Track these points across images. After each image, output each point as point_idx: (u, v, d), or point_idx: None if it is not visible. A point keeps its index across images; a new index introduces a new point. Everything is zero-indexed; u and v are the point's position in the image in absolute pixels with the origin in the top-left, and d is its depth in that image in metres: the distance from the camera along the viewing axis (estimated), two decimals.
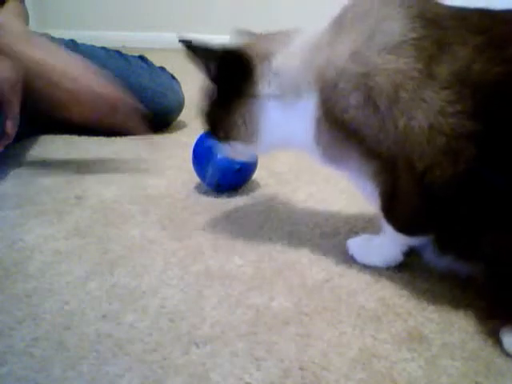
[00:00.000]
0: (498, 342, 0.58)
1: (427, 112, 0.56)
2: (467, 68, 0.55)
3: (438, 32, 0.58)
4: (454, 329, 0.61)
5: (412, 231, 0.66)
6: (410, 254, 0.72)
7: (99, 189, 1.01)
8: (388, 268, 0.73)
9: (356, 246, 0.76)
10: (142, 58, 1.44)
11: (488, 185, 0.56)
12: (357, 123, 0.61)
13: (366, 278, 0.71)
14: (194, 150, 0.98)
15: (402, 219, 0.66)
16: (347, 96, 0.61)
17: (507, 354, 0.56)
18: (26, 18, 1.33)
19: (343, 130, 0.63)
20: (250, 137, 0.71)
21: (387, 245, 0.72)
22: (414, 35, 0.58)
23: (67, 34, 1.41)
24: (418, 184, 0.59)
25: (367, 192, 0.68)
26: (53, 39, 1.34)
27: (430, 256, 0.67)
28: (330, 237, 0.82)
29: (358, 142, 0.63)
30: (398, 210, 0.65)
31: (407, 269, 0.72)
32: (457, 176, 0.56)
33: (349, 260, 0.75)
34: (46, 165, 1.10)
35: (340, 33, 0.63)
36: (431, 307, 0.65)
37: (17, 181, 1.05)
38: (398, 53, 0.58)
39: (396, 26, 0.59)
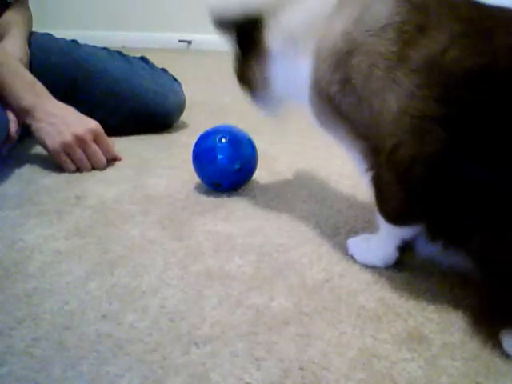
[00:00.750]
0: (498, 343, 0.58)
1: (397, 93, 0.58)
2: (441, 54, 0.57)
3: (422, 17, 0.60)
4: (454, 329, 0.61)
5: (401, 221, 0.67)
6: (409, 253, 0.72)
7: (99, 189, 1.01)
8: (388, 268, 0.73)
9: (355, 245, 0.76)
10: (143, 59, 1.44)
11: (463, 172, 0.57)
12: (339, 99, 0.65)
13: (366, 277, 0.71)
14: (194, 150, 0.98)
15: (390, 209, 0.66)
16: (332, 71, 0.64)
17: (507, 355, 0.56)
18: (29, 24, 1.34)
19: (329, 103, 0.67)
20: (263, 85, 0.79)
21: (383, 241, 0.72)
22: (398, 18, 0.60)
23: (67, 34, 1.41)
24: (395, 170, 0.61)
25: (362, 169, 0.69)
26: (54, 39, 1.35)
27: (421, 246, 0.68)
28: (330, 237, 0.82)
29: (342, 118, 0.66)
30: (385, 199, 0.65)
31: (407, 269, 0.72)
32: (425, 158, 0.58)
33: (349, 260, 0.75)
34: (46, 165, 1.10)
35: (340, 8, 0.67)
36: (431, 307, 0.65)
37: (17, 181, 1.05)
38: (380, 35, 0.61)
39: (384, 9, 0.62)
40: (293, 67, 0.73)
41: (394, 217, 0.67)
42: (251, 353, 0.57)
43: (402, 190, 0.62)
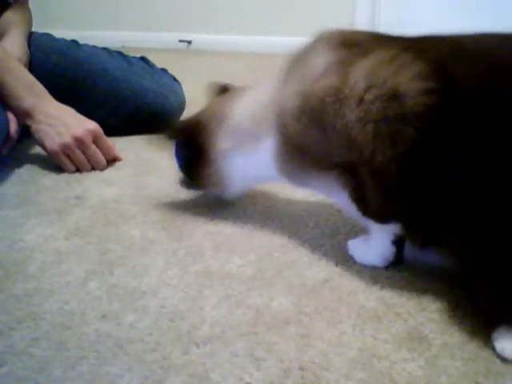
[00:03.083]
0: None
1: (350, 108, 0.63)
2: (376, 68, 0.63)
3: (357, 49, 0.68)
4: (454, 329, 0.61)
5: (387, 218, 0.68)
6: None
7: (99, 189, 1.01)
8: (388, 268, 0.73)
9: (355, 247, 0.76)
10: (143, 59, 1.44)
11: (437, 168, 0.60)
12: (312, 143, 0.70)
13: (365, 277, 0.71)
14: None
15: (375, 209, 0.67)
16: (300, 125, 0.70)
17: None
18: (29, 24, 1.34)
19: (303, 153, 0.72)
20: (221, 185, 0.84)
21: (378, 239, 0.72)
22: (335, 59, 0.68)
23: (67, 34, 1.41)
24: (374, 174, 0.64)
25: (342, 200, 0.72)
26: (54, 39, 1.35)
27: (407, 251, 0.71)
28: (330, 237, 0.82)
29: (317, 158, 0.72)
30: (368, 201, 0.67)
31: (407, 269, 0.72)
32: (399, 157, 0.61)
33: (349, 260, 0.75)
34: (46, 165, 1.10)
35: (285, 82, 0.74)
36: (431, 307, 0.65)
37: (17, 181, 1.05)
38: (324, 77, 0.68)
39: (322, 59, 0.69)
40: (254, 154, 0.79)
41: (380, 215, 0.68)
42: (251, 353, 0.57)
43: (382, 190, 0.64)
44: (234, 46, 2.60)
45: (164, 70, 1.44)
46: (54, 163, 1.08)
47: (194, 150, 0.84)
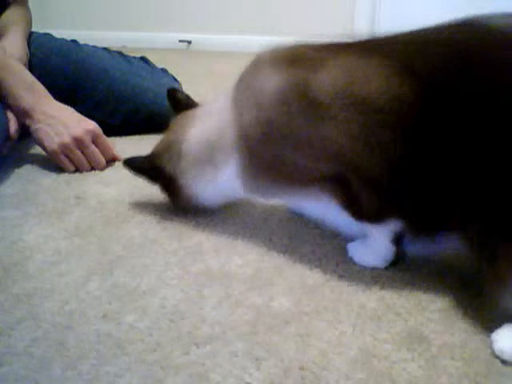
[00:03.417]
0: None
1: (326, 124, 0.65)
2: (333, 81, 0.65)
3: (307, 65, 0.69)
4: (454, 329, 0.61)
5: (381, 217, 0.68)
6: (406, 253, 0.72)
7: (99, 189, 1.01)
8: (388, 268, 0.73)
9: (355, 249, 0.76)
10: (143, 59, 1.44)
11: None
12: (285, 163, 0.72)
13: (366, 278, 0.71)
14: None
15: (367, 211, 0.68)
16: (270, 150, 0.72)
17: None
18: (29, 24, 1.34)
19: (276, 172, 0.74)
20: (197, 206, 0.86)
21: (376, 240, 0.72)
22: (288, 80, 0.69)
23: (67, 34, 1.41)
24: (361, 179, 0.65)
25: (328, 209, 0.73)
26: (54, 39, 1.35)
27: (407, 245, 0.71)
28: (330, 237, 0.82)
29: (293, 174, 0.72)
30: (359, 204, 0.68)
31: (407, 269, 0.72)
32: (381, 161, 0.63)
33: (349, 260, 0.75)
34: (46, 165, 1.10)
35: (239, 108, 0.75)
36: (431, 307, 0.65)
37: (17, 181, 1.05)
38: (283, 102, 0.68)
39: (272, 83, 0.70)
40: (212, 181, 0.81)
41: (377, 216, 0.69)
42: (251, 353, 0.57)
43: (376, 194, 0.66)
44: (234, 46, 2.60)
45: (164, 70, 1.44)
46: (53, 163, 1.08)
47: (162, 181, 0.87)
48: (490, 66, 0.59)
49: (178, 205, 0.89)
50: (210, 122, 0.81)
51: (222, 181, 0.80)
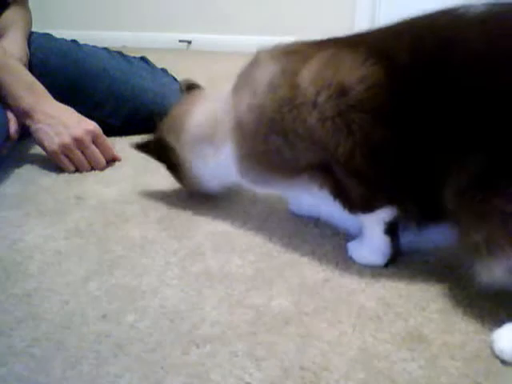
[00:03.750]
0: None
1: (308, 112, 0.67)
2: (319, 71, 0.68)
3: (297, 57, 0.72)
4: (454, 329, 0.61)
5: (371, 205, 0.69)
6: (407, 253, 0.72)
7: (99, 189, 1.01)
8: (388, 268, 0.73)
9: (354, 248, 0.76)
10: (143, 59, 1.44)
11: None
12: (274, 150, 0.73)
13: (365, 277, 0.71)
14: None
15: (357, 199, 0.69)
16: (260, 136, 0.74)
17: None
18: (29, 24, 1.34)
19: (266, 160, 0.75)
20: (198, 186, 0.90)
21: (370, 231, 0.72)
22: (278, 68, 0.72)
23: (67, 34, 1.41)
24: (346, 167, 0.67)
25: (323, 199, 0.74)
26: (54, 39, 1.35)
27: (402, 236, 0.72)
28: (329, 237, 0.82)
29: (282, 163, 0.74)
30: (348, 193, 0.69)
31: (407, 268, 0.72)
32: (363, 147, 0.64)
33: (349, 260, 0.75)
34: (46, 165, 1.10)
35: (236, 95, 0.78)
36: (431, 307, 0.65)
37: (17, 181, 1.05)
38: (273, 88, 0.72)
39: (266, 71, 0.74)
40: (213, 161, 0.83)
41: (366, 205, 0.70)
42: (251, 353, 0.57)
43: (360, 181, 0.68)
44: (234, 46, 2.60)
45: (164, 70, 1.44)
46: (53, 163, 1.08)
47: (166, 161, 0.91)
48: (464, 51, 0.60)
49: (184, 185, 0.93)
50: (214, 104, 0.84)
51: (220, 161, 0.82)
